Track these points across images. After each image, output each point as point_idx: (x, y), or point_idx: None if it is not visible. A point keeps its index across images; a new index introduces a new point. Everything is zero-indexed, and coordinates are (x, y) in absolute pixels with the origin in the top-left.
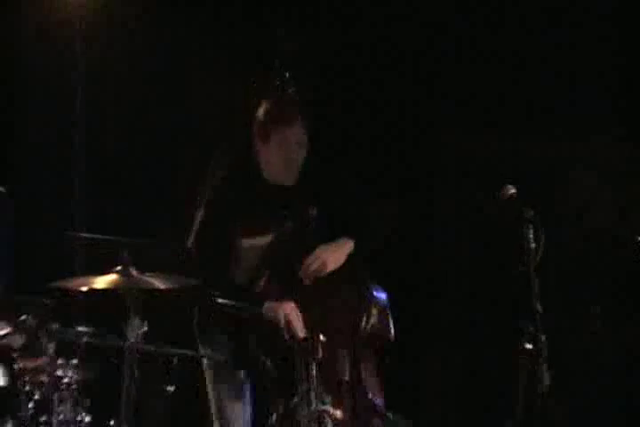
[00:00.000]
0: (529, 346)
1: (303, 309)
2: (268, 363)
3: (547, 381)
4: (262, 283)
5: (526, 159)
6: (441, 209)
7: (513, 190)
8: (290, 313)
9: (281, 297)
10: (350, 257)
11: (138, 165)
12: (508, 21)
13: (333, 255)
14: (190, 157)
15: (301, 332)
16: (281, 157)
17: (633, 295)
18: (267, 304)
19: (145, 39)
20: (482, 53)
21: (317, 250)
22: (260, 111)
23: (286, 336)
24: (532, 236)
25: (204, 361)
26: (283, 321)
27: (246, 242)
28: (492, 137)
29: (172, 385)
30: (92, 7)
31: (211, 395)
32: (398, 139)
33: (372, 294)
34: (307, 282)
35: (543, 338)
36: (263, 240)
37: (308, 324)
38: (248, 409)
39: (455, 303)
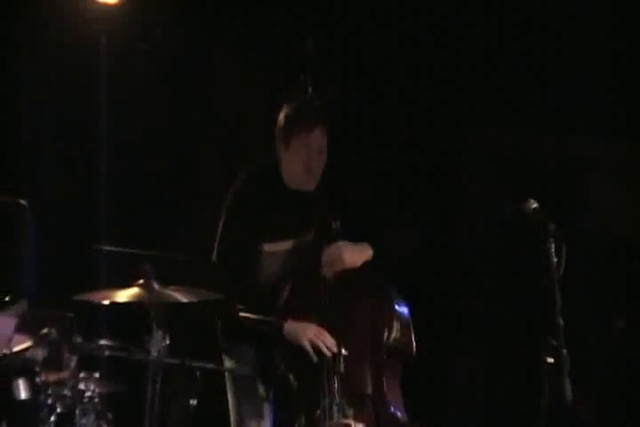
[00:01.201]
0: (551, 360)
1: (327, 322)
2: (291, 376)
3: (569, 394)
4: (285, 296)
5: (550, 169)
6: (465, 222)
7: (535, 204)
8: (315, 339)
9: (304, 311)
10: (375, 271)
11: (163, 178)
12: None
13: (351, 252)
14: (216, 168)
15: (329, 350)
16: (302, 162)
17: None
18: (287, 326)
19: (165, 42)
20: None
21: (339, 243)
22: (282, 116)
23: (313, 357)
24: (554, 250)
25: (226, 375)
26: (307, 345)
27: (266, 247)
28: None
29: (194, 399)
30: (109, 8)
31: (231, 409)
32: (421, 148)
33: (395, 308)
34: (323, 274)
35: (565, 352)
36: (283, 246)
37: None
38: (267, 425)
39: (478, 317)
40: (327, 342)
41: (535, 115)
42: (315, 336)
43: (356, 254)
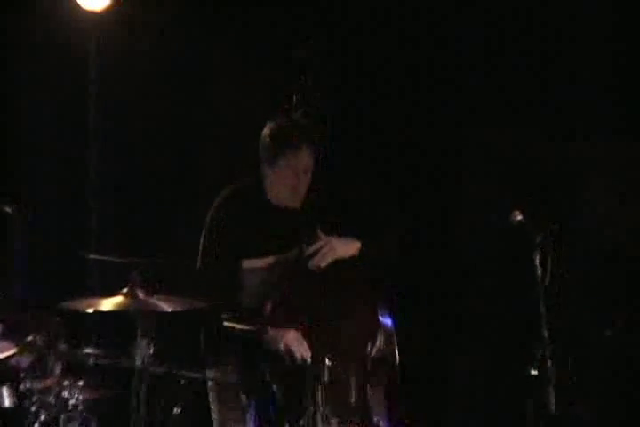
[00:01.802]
0: (534, 372)
1: (310, 333)
2: (275, 386)
3: (553, 407)
4: (268, 311)
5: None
6: (465, 222)
7: (520, 216)
8: (290, 343)
9: (287, 325)
10: (361, 282)
11: (155, 184)
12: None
13: (342, 243)
14: (216, 170)
15: (303, 357)
16: (287, 181)
17: None
18: (271, 331)
19: (164, 42)
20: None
21: (329, 238)
22: (266, 135)
23: (287, 361)
24: (538, 262)
25: (209, 385)
26: (282, 348)
27: (246, 263)
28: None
29: (178, 407)
30: (105, 10)
31: (214, 416)
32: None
33: (380, 320)
34: (315, 268)
35: (550, 363)
36: (264, 262)
37: (314, 348)
38: None
39: (478, 317)
40: (301, 350)
41: (535, 115)
42: (290, 341)
43: (345, 244)
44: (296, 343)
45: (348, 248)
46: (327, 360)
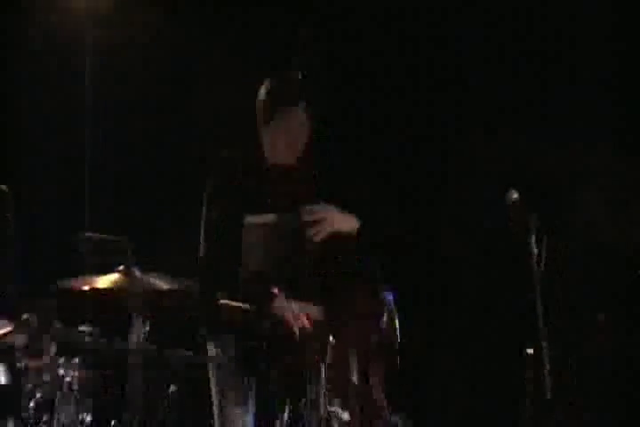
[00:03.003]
0: (530, 351)
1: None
2: (276, 365)
3: (549, 385)
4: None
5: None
6: (448, 214)
7: (516, 195)
8: (299, 311)
9: (298, 284)
10: (365, 261)
11: (148, 165)
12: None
13: (342, 217)
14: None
15: (303, 325)
16: (283, 137)
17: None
18: (276, 302)
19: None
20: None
21: (330, 210)
22: (262, 91)
23: (295, 332)
24: (534, 241)
25: (210, 363)
26: (290, 317)
27: (249, 219)
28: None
29: (174, 385)
30: (101, 8)
31: (214, 397)
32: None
33: (383, 299)
34: (316, 239)
35: (545, 344)
36: (265, 219)
37: (318, 327)
38: (250, 414)
39: (461, 307)
40: (304, 322)
41: (528, 116)
42: (293, 316)
43: (344, 219)
44: (299, 317)
45: (346, 223)
46: (331, 338)
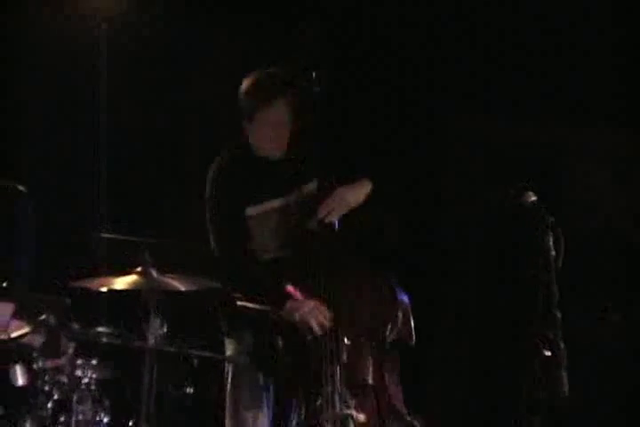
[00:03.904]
0: (548, 353)
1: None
2: (292, 365)
3: (566, 387)
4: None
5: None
6: (459, 210)
7: (534, 197)
8: (306, 312)
9: (312, 282)
10: (377, 261)
11: (163, 166)
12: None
13: (353, 192)
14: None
15: (321, 324)
16: (266, 134)
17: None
18: (289, 303)
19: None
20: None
21: (338, 189)
22: (243, 88)
23: (306, 332)
24: (552, 243)
25: (227, 364)
26: (297, 318)
27: (250, 210)
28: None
29: (191, 387)
30: (108, 9)
31: (228, 397)
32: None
33: (397, 297)
34: (327, 220)
35: (562, 345)
36: (268, 205)
37: (333, 326)
38: (265, 415)
39: (472, 308)
40: (320, 318)
41: (523, 101)
42: (308, 312)
43: (356, 192)
44: (315, 313)
45: (358, 194)
46: (346, 339)
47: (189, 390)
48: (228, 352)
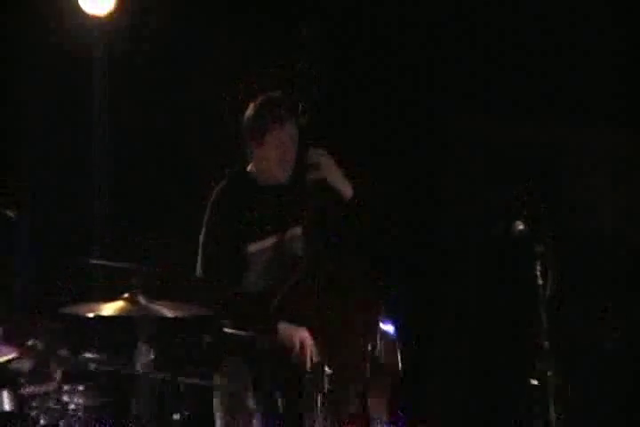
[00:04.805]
0: (535, 382)
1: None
2: (277, 393)
3: (553, 416)
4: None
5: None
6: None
7: (522, 226)
8: (305, 340)
9: (297, 311)
10: (359, 289)
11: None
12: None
13: (340, 172)
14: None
15: (311, 361)
16: (276, 156)
17: None
18: (282, 325)
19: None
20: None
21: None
22: (251, 113)
23: (296, 360)
24: (539, 272)
25: (214, 388)
26: (297, 346)
27: (252, 247)
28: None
29: (177, 413)
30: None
31: (218, 423)
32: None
33: (379, 328)
34: (312, 178)
35: (550, 374)
36: (268, 242)
37: (315, 356)
38: None
39: (464, 332)
40: (313, 350)
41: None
42: (305, 338)
43: (340, 176)
44: (309, 344)
45: (341, 180)
46: (327, 369)
47: (177, 416)
48: (216, 379)
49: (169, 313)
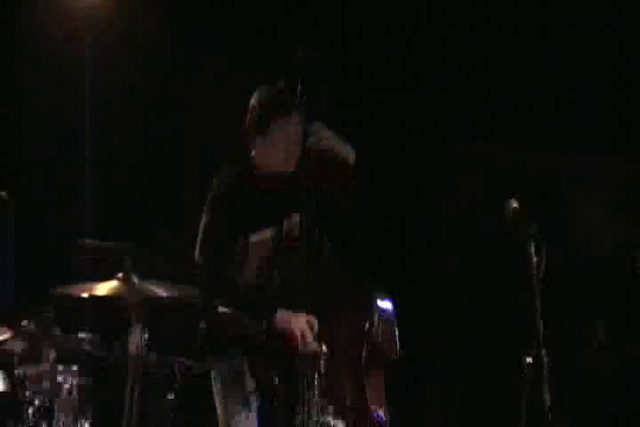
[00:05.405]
0: (530, 360)
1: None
2: (275, 376)
3: (548, 397)
4: (275, 284)
5: (532, 174)
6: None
7: (515, 204)
8: (305, 326)
9: (294, 300)
10: (354, 269)
11: (146, 172)
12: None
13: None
14: (199, 165)
15: (313, 345)
16: (281, 146)
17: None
18: (279, 314)
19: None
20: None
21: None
22: (256, 101)
23: (300, 347)
24: (533, 250)
25: (212, 372)
26: (297, 332)
27: (254, 237)
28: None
29: (172, 393)
30: (100, 10)
31: (218, 407)
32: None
33: (376, 306)
34: (315, 147)
35: (544, 354)
36: (269, 233)
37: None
38: (254, 420)
39: (459, 316)
40: (314, 331)
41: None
42: (304, 323)
43: (342, 144)
44: (309, 330)
45: (344, 149)
46: (324, 348)
47: (170, 396)
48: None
49: (163, 293)
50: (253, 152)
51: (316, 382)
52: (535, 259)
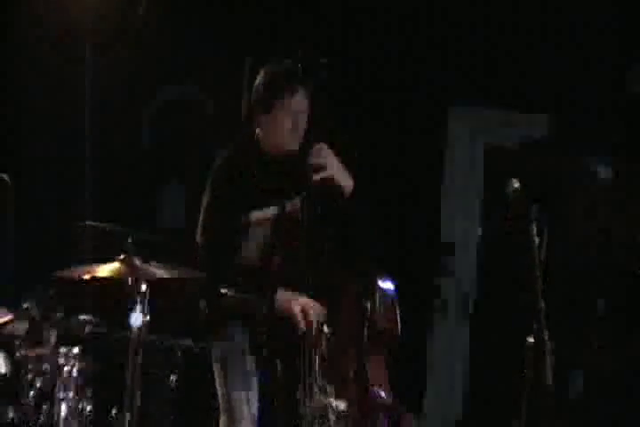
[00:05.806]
0: (531, 340)
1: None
2: (274, 355)
3: (550, 376)
4: (275, 267)
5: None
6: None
7: (517, 184)
8: (306, 306)
9: (295, 280)
10: (355, 249)
11: (146, 172)
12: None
13: (342, 167)
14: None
15: (316, 323)
16: (285, 125)
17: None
18: (280, 294)
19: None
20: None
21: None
22: (261, 81)
23: (302, 327)
24: (535, 231)
25: (213, 351)
26: (298, 313)
27: (255, 215)
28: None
29: (174, 374)
30: (100, 9)
31: (219, 386)
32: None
33: (378, 286)
34: (315, 178)
35: (546, 334)
36: (271, 212)
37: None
38: (255, 398)
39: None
40: (316, 313)
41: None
42: (306, 304)
43: (343, 171)
44: (310, 306)
45: (344, 176)
46: (326, 328)
47: (173, 377)
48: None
49: (164, 274)
50: (258, 130)
51: (316, 362)
52: (537, 239)
